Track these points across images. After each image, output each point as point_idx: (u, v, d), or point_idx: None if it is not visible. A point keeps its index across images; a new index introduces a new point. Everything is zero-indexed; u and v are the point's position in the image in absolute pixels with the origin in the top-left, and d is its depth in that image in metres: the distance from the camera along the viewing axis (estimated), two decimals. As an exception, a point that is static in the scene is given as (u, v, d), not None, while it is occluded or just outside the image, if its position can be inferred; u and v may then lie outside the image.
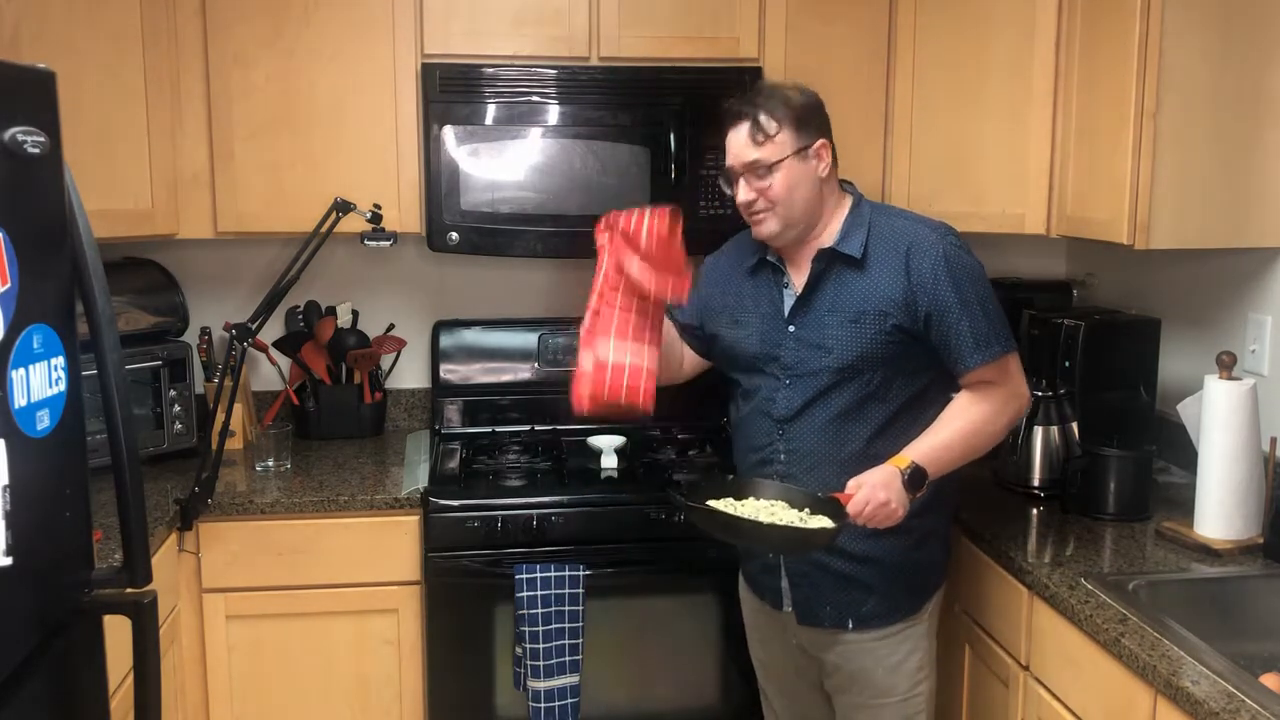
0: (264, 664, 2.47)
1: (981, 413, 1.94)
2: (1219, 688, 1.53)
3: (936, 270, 1.90)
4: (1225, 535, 2.05)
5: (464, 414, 2.96)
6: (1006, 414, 1.97)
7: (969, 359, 1.92)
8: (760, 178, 1.94)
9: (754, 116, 1.93)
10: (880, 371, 1.94)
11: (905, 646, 2.02)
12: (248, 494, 2.46)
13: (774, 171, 1.93)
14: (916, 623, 2.03)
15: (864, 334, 1.93)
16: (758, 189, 1.94)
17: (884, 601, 2.00)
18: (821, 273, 1.98)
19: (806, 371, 1.98)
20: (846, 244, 1.96)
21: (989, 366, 1.92)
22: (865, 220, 1.99)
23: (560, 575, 2.34)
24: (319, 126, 2.60)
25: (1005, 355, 1.94)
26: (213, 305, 2.93)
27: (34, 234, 1.34)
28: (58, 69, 1.42)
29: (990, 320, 1.93)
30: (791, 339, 2.00)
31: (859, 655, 2.02)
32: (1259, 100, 2.18)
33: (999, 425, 1.97)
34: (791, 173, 1.93)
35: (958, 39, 2.60)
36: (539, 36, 2.63)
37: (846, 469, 1.91)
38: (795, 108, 1.93)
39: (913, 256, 1.92)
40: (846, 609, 2.00)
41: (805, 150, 1.94)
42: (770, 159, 1.93)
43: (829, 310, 1.96)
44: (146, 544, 1.56)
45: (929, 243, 1.93)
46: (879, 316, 1.93)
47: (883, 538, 1.93)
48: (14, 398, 1.27)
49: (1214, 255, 2.42)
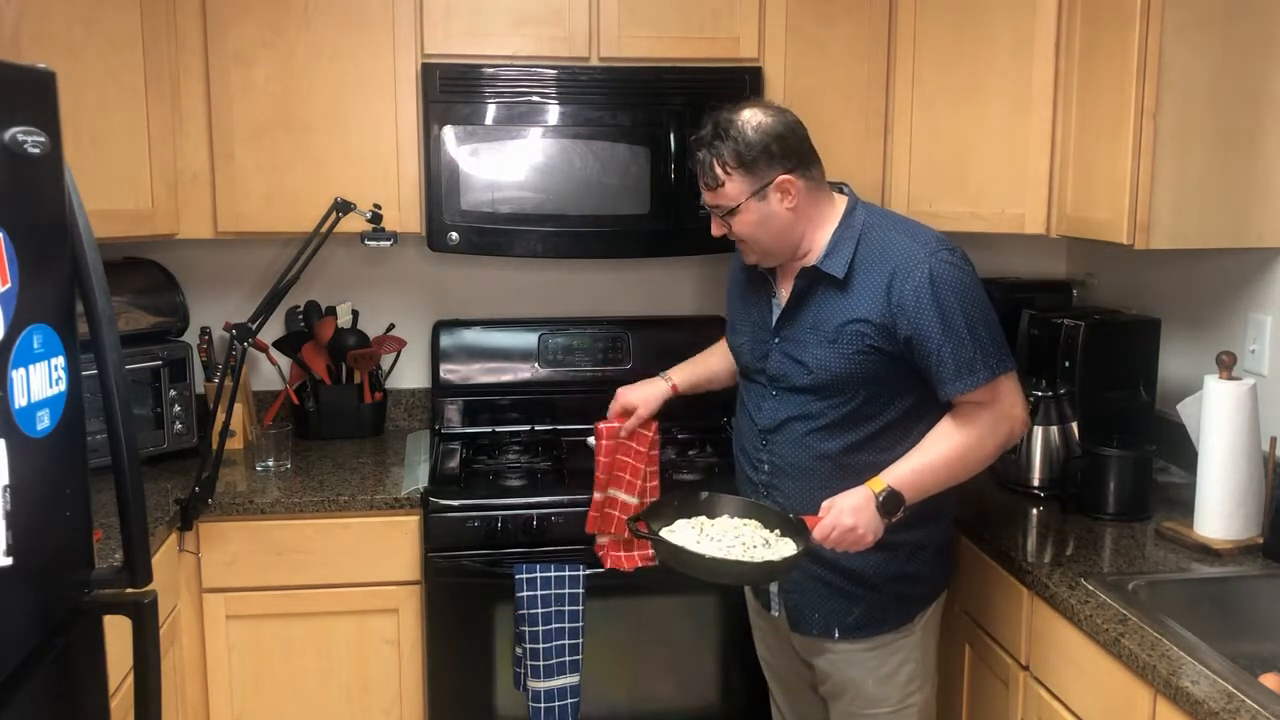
0: (264, 664, 2.47)
1: (967, 437, 1.87)
2: (1219, 688, 1.53)
3: (920, 294, 1.83)
4: (1225, 535, 2.05)
5: (464, 414, 2.95)
6: (995, 437, 1.89)
7: (950, 386, 1.86)
8: (722, 218, 1.94)
9: (705, 161, 1.90)
10: (862, 390, 1.90)
11: (896, 658, 2.00)
12: (248, 494, 2.46)
13: (733, 214, 1.92)
14: (907, 634, 2.01)
15: (842, 354, 1.89)
16: (724, 225, 1.95)
17: (870, 612, 1.98)
18: (805, 290, 1.95)
19: (789, 386, 1.96)
20: (830, 263, 1.91)
21: (977, 391, 1.86)
22: (855, 233, 1.92)
23: (560, 575, 2.34)
24: (319, 126, 2.60)
25: (993, 380, 1.86)
26: (213, 305, 2.93)
27: (34, 234, 1.34)
28: (58, 69, 1.42)
29: (978, 344, 1.84)
30: (777, 351, 1.99)
31: (849, 665, 2.01)
32: (1259, 100, 2.18)
33: (986, 450, 1.89)
34: (750, 213, 1.91)
35: (958, 39, 2.60)
36: (539, 36, 2.63)
37: (828, 484, 1.90)
38: (745, 148, 1.86)
39: (896, 279, 1.85)
40: (833, 618, 1.99)
41: (762, 190, 1.89)
42: (725, 204, 1.91)
43: (810, 328, 1.94)
44: (146, 544, 1.56)
45: (915, 262, 1.85)
46: (856, 337, 1.88)
47: (870, 551, 1.88)
48: (14, 398, 1.27)
49: (1214, 255, 2.42)
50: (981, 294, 1.89)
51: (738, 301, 2.15)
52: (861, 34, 2.70)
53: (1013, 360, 1.91)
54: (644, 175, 2.64)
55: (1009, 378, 1.89)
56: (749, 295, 2.10)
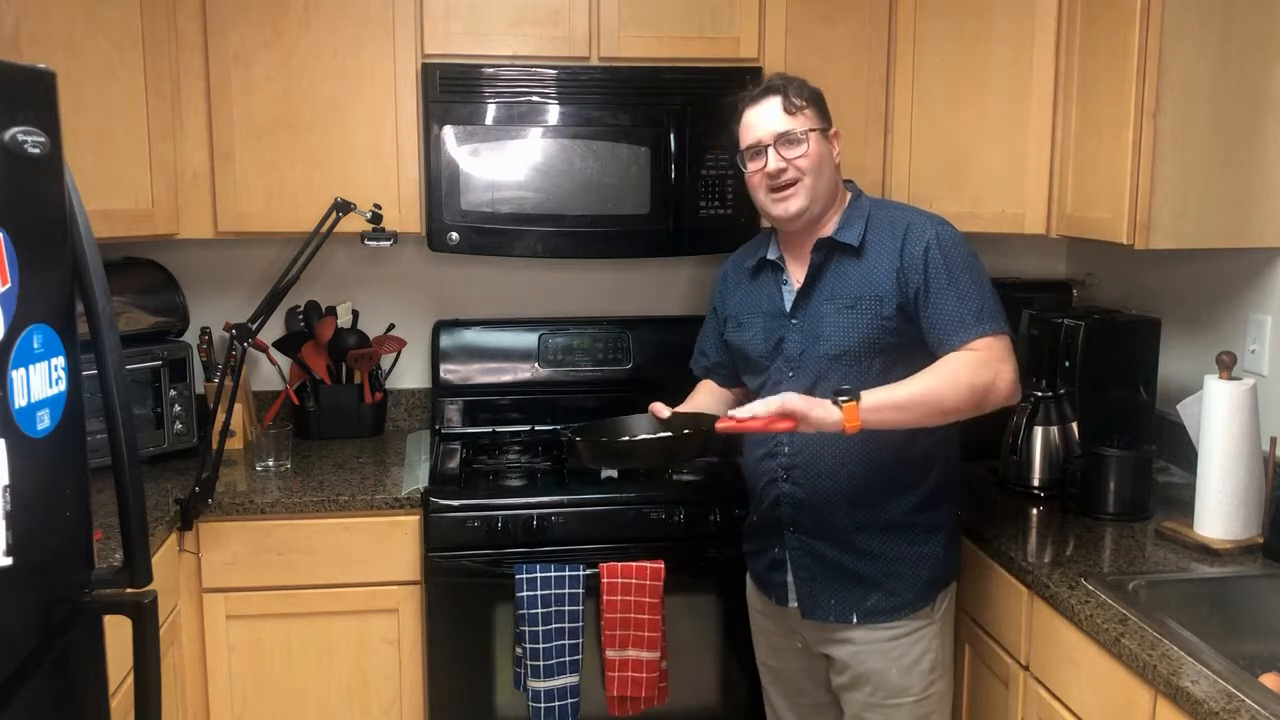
0: (264, 664, 2.47)
1: (946, 362, 1.89)
2: (1219, 688, 1.53)
3: (929, 248, 1.93)
4: (1225, 535, 2.05)
5: (464, 414, 2.96)
6: (975, 376, 1.86)
7: (955, 336, 1.89)
8: (792, 146, 1.97)
9: (784, 90, 1.99)
10: (879, 359, 1.95)
11: (919, 647, 2.01)
12: (248, 494, 2.46)
13: (806, 140, 1.97)
14: (929, 621, 2.02)
15: (860, 320, 1.95)
16: (788, 158, 1.97)
17: (888, 597, 2.00)
18: (821, 264, 2.01)
19: (807, 361, 2.00)
20: (844, 233, 2.00)
21: (976, 343, 1.89)
22: (864, 212, 2.03)
23: (560, 575, 2.34)
24: (319, 126, 2.60)
25: (994, 334, 1.90)
26: (213, 305, 2.93)
27: (34, 234, 1.34)
28: (58, 69, 1.42)
29: (983, 299, 1.92)
30: (795, 331, 2.02)
31: (872, 655, 2.01)
32: (1259, 100, 2.18)
33: (961, 381, 1.85)
34: (817, 146, 1.99)
35: (958, 39, 2.60)
36: (539, 36, 2.63)
37: (849, 458, 1.94)
38: (811, 93, 2.01)
39: (907, 238, 1.95)
40: (850, 603, 2.01)
41: (826, 130, 2.01)
42: (802, 128, 1.97)
43: (827, 299, 1.99)
44: (146, 544, 1.55)
45: (923, 224, 1.97)
46: (875, 301, 1.95)
47: (885, 532, 1.95)
48: (14, 398, 1.27)
49: (1214, 255, 2.42)
50: (982, 266, 1.98)
51: (739, 297, 2.16)
52: (861, 34, 2.70)
53: (1009, 327, 1.95)
54: (644, 175, 2.64)
55: (1004, 339, 1.93)
56: (753, 289, 2.13)
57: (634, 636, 2.34)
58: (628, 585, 2.34)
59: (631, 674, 2.35)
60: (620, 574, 2.33)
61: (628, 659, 2.35)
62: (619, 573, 2.33)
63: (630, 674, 2.35)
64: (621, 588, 2.34)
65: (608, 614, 2.34)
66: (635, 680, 2.35)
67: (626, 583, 2.34)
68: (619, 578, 2.33)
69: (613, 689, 2.36)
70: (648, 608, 2.33)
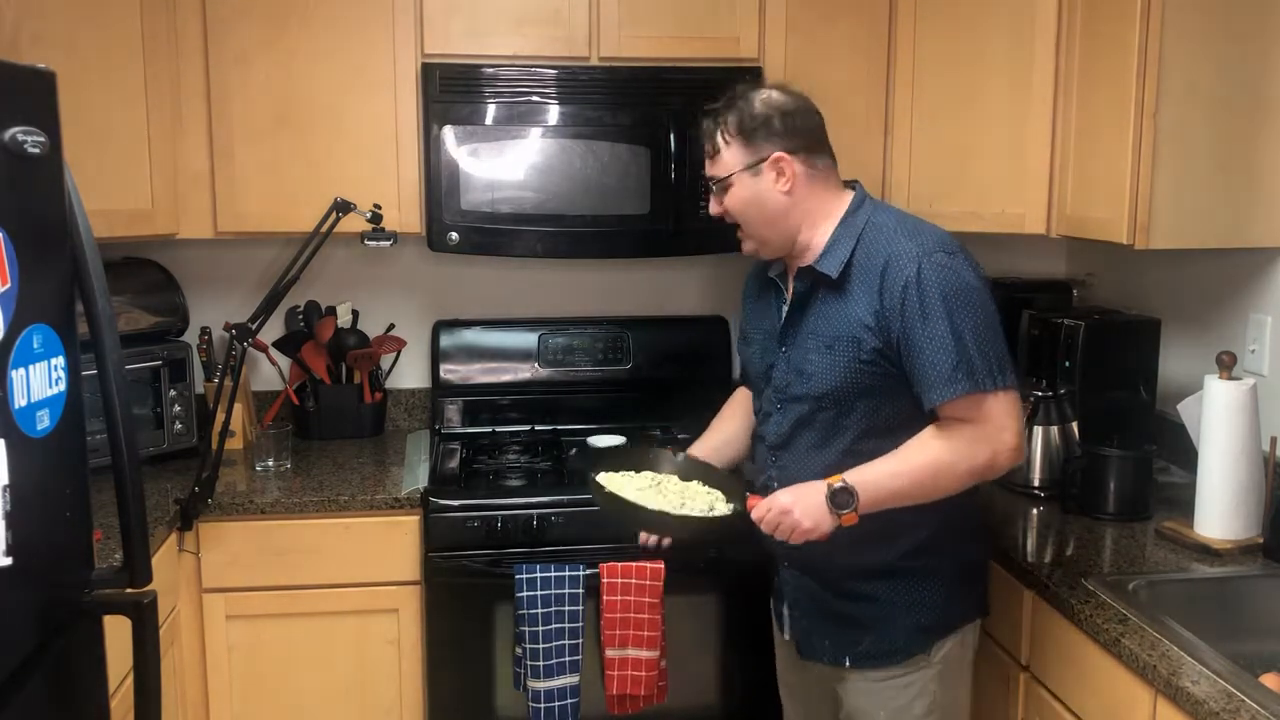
0: (264, 664, 2.47)
1: (940, 452, 1.75)
2: (1219, 688, 1.53)
3: (906, 293, 1.73)
4: (1225, 535, 2.05)
5: (464, 414, 2.95)
6: (973, 459, 1.74)
7: (929, 394, 1.73)
8: (721, 191, 1.88)
9: (708, 127, 1.87)
10: (863, 401, 1.80)
11: (910, 691, 1.88)
12: (248, 494, 2.46)
13: (726, 188, 1.86)
14: (924, 667, 1.88)
15: (838, 362, 1.80)
16: (721, 202, 1.89)
17: (880, 642, 1.88)
18: (806, 293, 1.87)
19: (792, 397, 1.88)
20: (825, 262, 1.83)
21: (957, 403, 1.73)
22: (855, 232, 1.83)
23: (560, 575, 2.34)
24: (319, 126, 2.60)
25: (976, 394, 1.72)
26: (213, 305, 2.93)
27: (34, 234, 1.34)
28: (58, 69, 1.42)
29: (962, 352, 1.71)
30: (782, 360, 1.92)
31: (861, 695, 1.93)
32: (1259, 100, 2.18)
33: (958, 472, 1.75)
34: (743, 189, 1.85)
35: (958, 39, 2.60)
36: (539, 36, 2.63)
37: None
38: (748, 118, 1.82)
39: (885, 276, 1.75)
40: (843, 646, 1.92)
41: (757, 165, 1.83)
42: (719, 175, 1.87)
43: (810, 334, 1.86)
44: (146, 544, 1.55)
45: (905, 259, 1.75)
46: (851, 344, 1.79)
47: (879, 577, 1.85)
48: (14, 398, 1.27)
49: (1214, 255, 2.42)
50: (979, 301, 1.75)
51: (750, 310, 2.09)
52: (861, 34, 2.70)
53: (1011, 379, 1.75)
54: (644, 175, 2.64)
55: (1000, 397, 1.73)
56: (760, 303, 2.04)
57: (634, 636, 2.34)
58: (628, 585, 2.33)
59: (631, 673, 2.35)
60: (620, 574, 2.33)
61: (627, 658, 2.34)
62: (619, 572, 2.33)
63: (630, 673, 2.35)
64: (621, 588, 2.33)
65: (607, 614, 2.34)
66: (635, 679, 2.35)
67: (626, 583, 2.33)
68: (619, 578, 2.33)
69: (612, 687, 2.35)
70: (648, 607, 2.33)
